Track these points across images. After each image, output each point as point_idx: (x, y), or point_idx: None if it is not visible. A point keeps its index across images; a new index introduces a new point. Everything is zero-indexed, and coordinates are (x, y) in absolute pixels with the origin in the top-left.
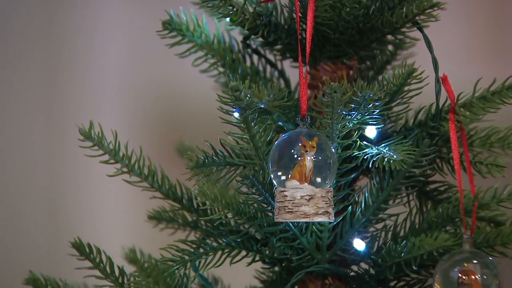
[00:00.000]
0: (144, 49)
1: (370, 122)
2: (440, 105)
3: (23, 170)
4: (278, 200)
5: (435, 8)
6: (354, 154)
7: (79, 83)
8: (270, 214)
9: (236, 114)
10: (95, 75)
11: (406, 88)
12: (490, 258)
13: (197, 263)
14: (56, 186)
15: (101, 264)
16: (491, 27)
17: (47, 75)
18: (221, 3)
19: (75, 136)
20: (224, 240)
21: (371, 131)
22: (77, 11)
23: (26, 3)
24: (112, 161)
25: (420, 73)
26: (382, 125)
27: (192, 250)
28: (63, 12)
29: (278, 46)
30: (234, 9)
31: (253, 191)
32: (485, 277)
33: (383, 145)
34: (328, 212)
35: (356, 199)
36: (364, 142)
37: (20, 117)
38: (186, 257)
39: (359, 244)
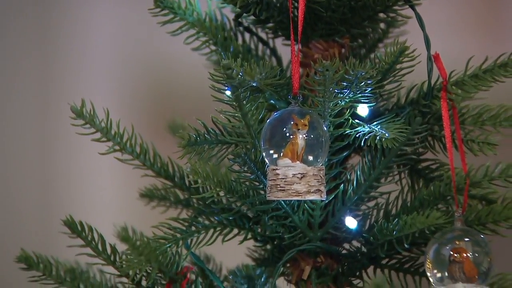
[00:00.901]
0: (136, 27)
1: (362, 100)
2: (432, 83)
3: (15, 148)
4: (270, 178)
5: None
6: (346, 132)
7: (71, 62)
8: (262, 192)
9: (228, 92)
10: (86, 53)
11: (398, 66)
12: (482, 236)
13: (189, 241)
14: (48, 164)
15: (93, 242)
16: (483, 5)
17: (38, 54)
18: None
19: (67, 114)
20: (216, 218)
21: (363, 109)
22: None
23: None
24: (104, 139)
25: (412, 51)
26: (374, 103)
27: (184, 228)
28: None
29: (270, 24)
30: None
31: (245, 169)
32: (476, 255)
33: (375, 123)
34: (320, 190)
35: (348, 177)
36: (356, 120)
37: (11, 96)
38: (178, 235)
39: (351, 222)
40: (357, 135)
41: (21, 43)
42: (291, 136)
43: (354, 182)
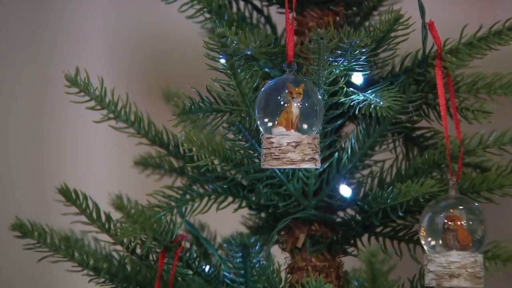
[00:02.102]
0: None
1: (356, 69)
2: (427, 51)
3: (9, 116)
4: (264, 147)
5: None
6: (341, 100)
7: (65, 30)
8: (257, 160)
9: (223, 61)
10: (80, 21)
11: (392, 34)
12: (476, 204)
13: (183, 209)
14: (42, 132)
15: (88, 210)
16: None
17: (31, 21)
18: None
19: (61, 82)
20: (211, 186)
21: (357, 78)
22: None
23: None
24: (98, 107)
25: (407, 19)
26: (368, 72)
27: (178, 196)
28: None
29: None
30: None
31: (240, 137)
32: (470, 223)
33: (369, 91)
34: (315, 158)
35: (343, 145)
36: (351, 89)
37: (4, 65)
38: (173, 203)
39: (345, 190)
40: (352, 104)
41: (14, 11)
42: (286, 105)
43: (349, 150)
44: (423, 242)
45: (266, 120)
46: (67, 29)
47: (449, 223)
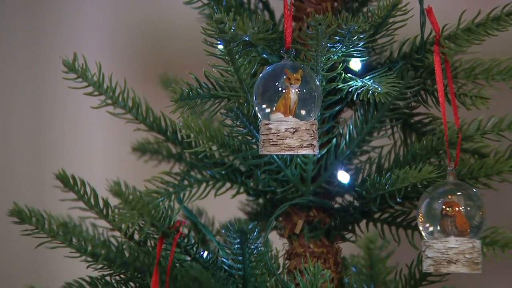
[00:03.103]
0: None
1: (354, 55)
2: (425, 37)
3: (7, 102)
4: (262, 133)
5: None
6: (339, 86)
7: (63, 15)
8: (255, 146)
9: (221, 47)
10: (79, 7)
11: (391, 20)
12: (474, 190)
13: (181, 195)
14: (40, 118)
15: (86, 196)
16: None
17: (30, 7)
18: None
19: (59, 68)
20: (209, 172)
21: (355, 64)
22: None
23: None
24: (96, 93)
25: (405, 5)
26: (366, 58)
27: (176, 182)
28: None
29: None
30: None
31: (238, 123)
32: (468, 208)
33: (367, 77)
34: (313, 144)
35: (341, 131)
36: (349, 75)
37: (3, 50)
38: (171, 189)
39: (343, 176)
40: (350, 89)
41: None
42: (284, 91)
43: (347, 136)
44: (421, 228)
45: (264, 106)
46: (65, 15)
47: (447, 209)
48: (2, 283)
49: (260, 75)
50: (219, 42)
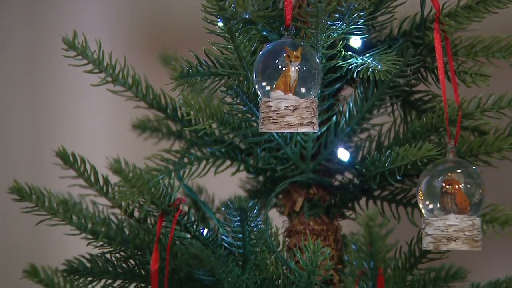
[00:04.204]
0: None
1: (354, 32)
2: (425, 14)
3: (6, 80)
4: (262, 111)
5: None
6: (339, 64)
7: None
8: (255, 124)
9: (221, 24)
10: None
11: None
12: (474, 168)
13: (181, 172)
14: (40, 95)
15: (86, 173)
16: None
17: None
18: None
19: (59, 45)
20: (209, 149)
21: (355, 41)
22: None
23: None
24: (96, 70)
25: None
26: (366, 35)
27: (176, 159)
28: None
29: None
30: None
31: (238, 101)
32: (468, 186)
33: (367, 55)
34: (313, 122)
35: (341, 109)
36: (349, 52)
37: (2, 27)
38: (171, 167)
39: (343, 154)
40: (350, 67)
41: None
42: (284, 68)
43: (347, 114)
44: (421, 205)
45: (264, 84)
46: None
47: (447, 186)
48: (2, 261)
49: (260, 52)
50: (219, 20)
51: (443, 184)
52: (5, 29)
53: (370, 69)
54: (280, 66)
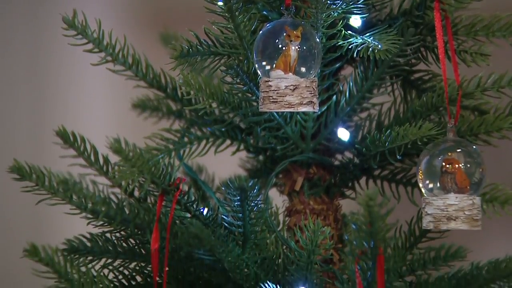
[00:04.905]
0: None
1: (354, 11)
2: None
3: (6, 60)
4: (262, 90)
5: None
6: (339, 43)
7: None
8: (255, 104)
9: (221, 3)
10: None
11: None
12: (474, 147)
13: (181, 152)
14: (39, 75)
15: (86, 153)
16: None
17: None
18: None
19: (59, 25)
20: (209, 129)
21: (355, 21)
22: None
23: None
24: (96, 50)
25: None
26: (366, 14)
27: (176, 139)
28: None
29: None
30: None
31: (238, 80)
32: (468, 165)
33: (367, 34)
34: (313, 102)
35: (341, 88)
36: (349, 32)
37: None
38: (171, 146)
39: (343, 134)
40: (350, 47)
41: None
42: (284, 48)
43: (347, 93)
44: (421, 185)
45: (264, 63)
46: None
47: (447, 166)
48: (2, 240)
49: (260, 32)
50: None
51: (443, 164)
52: (5, 4)
53: (370, 49)
54: (280, 46)
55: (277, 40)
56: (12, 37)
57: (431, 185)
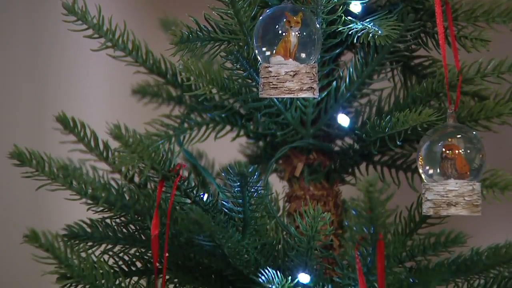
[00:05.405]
0: None
1: None
2: None
3: (6, 44)
4: (262, 76)
5: None
6: (339, 29)
7: None
8: (255, 89)
9: None
10: None
11: None
12: (474, 133)
13: (181, 138)
14: (40, 61)
15: (86, 138)
16: None
17: None
18: None
19: (59, 10)
20: (209, 115)
21: (356, 6)
22: None
23: None
24: (96, 35)
25: None
26: (367, 0)
27: (176, 125)
28: None
29: None
30: None
31: (238, 66)
32: (468, 151)
33: (368, 20)
34: (313, 87)
35: (341, 74)
36: (349, 17)
37: None
38: (171, 132)
39: (343, 119)
40: (350, 32)
41: None
42: (284, 34)
43: (347, 79)
44: (421, 170)
45: (264, 49)
46: None
47: (447, 151)
48: (2, 226)
49: (260, 17)
50: None
51: (443, 149)
52: None
53: (370, 34)
54: (280, 32)
55: (277, 26)
56: (12, 23)
57: (431, 171)
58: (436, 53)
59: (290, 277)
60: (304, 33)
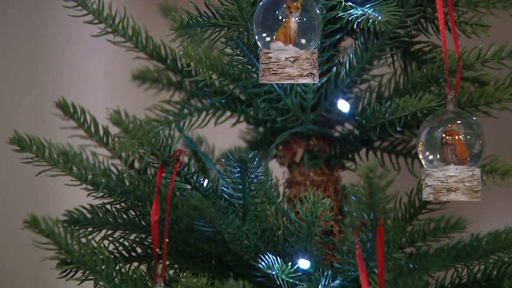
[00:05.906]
0: None
1: None
2: None
3: (7, 30)
4: (262, 62)
5: None
6: (339, 15)
7: None
8: (255, 75)
9: None
10: None
11: None
12: (474, 118)
13: (181, 123)
14: (40, 46)
15: (86, 124)
16: None
17: None
18: None
19: None
20: (209, 100)
21: None
22: None
23: None
24: (96, 21)
25: None
26: None
27: (176, 110)
28: None
29: None
30: None
31: (238, 52)
32: (468, 137)
33: (368, 5)
34: (313, 73)
35: (341, 60)
36: (349, 3)
37: None
38: (171, 118)
39: (343, 105)
40: (350, 18)
41: None
42: (284, 19)
43: (347, 65)
44: (421, 156)
45: (264, 35)
46: None
47: (447, 137)
48: (2, 211)
49: (260, 3)
50: None
51: (443, 135)
52: None
53: (371, 20)
54: (280, 17)
55: (277, 12)
56: (13, 9)
57: (431, 157)
58: (436, 38)
59: (290, 263)
60: (304, 19)
